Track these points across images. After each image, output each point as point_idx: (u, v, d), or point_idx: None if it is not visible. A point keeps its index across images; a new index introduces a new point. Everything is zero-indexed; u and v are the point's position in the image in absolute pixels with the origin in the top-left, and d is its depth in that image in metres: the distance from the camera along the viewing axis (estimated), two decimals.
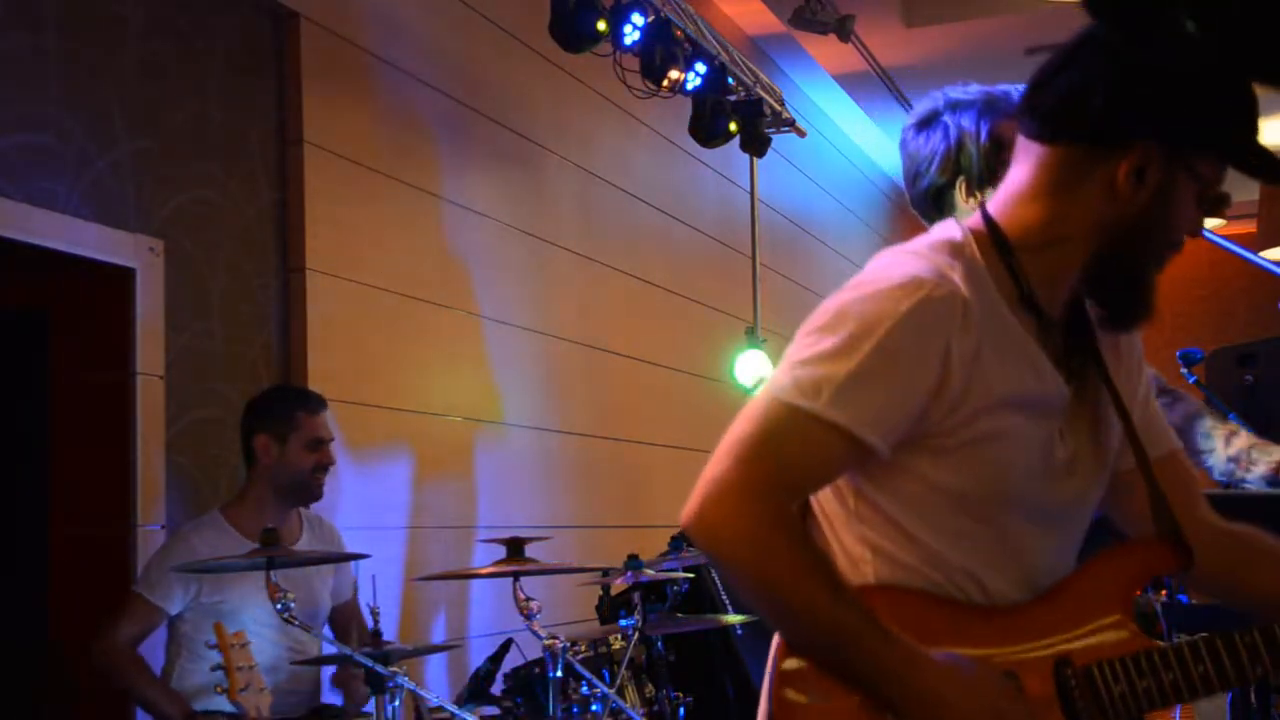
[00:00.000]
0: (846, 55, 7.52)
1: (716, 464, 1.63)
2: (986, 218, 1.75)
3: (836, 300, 1.68)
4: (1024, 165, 1.74)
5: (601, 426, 6.13)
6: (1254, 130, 1.70)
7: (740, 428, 1.64)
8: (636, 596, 3.85)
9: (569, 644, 3.47)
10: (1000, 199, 1.76)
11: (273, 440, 3.74)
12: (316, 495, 3.85)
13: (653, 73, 5.24)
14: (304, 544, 3.79)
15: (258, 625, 3.49)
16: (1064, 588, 1.75)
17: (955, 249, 1.70)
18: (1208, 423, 2.92)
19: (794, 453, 1.62)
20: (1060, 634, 1.72)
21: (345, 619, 3.94)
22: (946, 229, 1.75)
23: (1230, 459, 2.88)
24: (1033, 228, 1.71)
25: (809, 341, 1.65)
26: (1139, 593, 1.78)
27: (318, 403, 3.88)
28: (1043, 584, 1.75)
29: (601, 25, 4.79)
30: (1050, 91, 1.71)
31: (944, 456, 1.67)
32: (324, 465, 3.81)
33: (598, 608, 4.88)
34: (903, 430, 1.64)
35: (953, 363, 1.63)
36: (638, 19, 5.01)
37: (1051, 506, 1.75)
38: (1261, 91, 1.68)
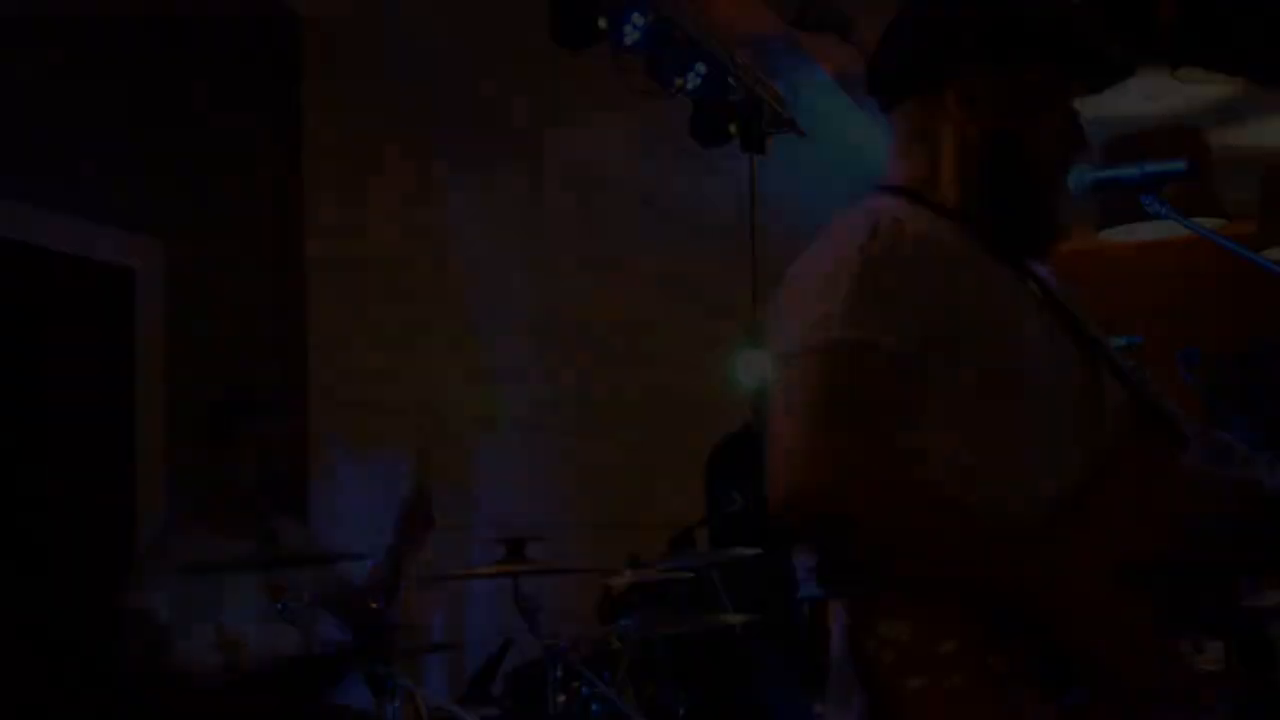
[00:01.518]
0: (846, 55, 7.51)
1: (788, 440, 1.59)
2: (878, 187, 1.82)
3: (799, 271, 1.73)
4: (891, 140, 1.85)
5: (601, 426, 6.12)
6: (1064, 21, 1.76)
7: (786, 399, 1.62)
8: (637, 596, 3.85)
9: (569, 644, 3.47)
10: (884, 175, 1.84)
11: (214, 451, 3.61)
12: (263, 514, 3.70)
13: (657, 74, 5.24)
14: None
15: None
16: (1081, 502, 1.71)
17: (874, 208, 1.76)
18: None
19: (847, 386, 1.61)
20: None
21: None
22: (855, 208, 1.80)
23: None
24: (923, 179, 1.79)
25: (795, 304, 1.69)
26: None
27: (260, 410, 3.72)
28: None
29: (601, 24, 4.78)
30: (876, 68, 1.86)
31: (963, 364, 1.67)
32: (272, 476, 3.65)
33: (598, 608, 4.87)
34: (917, 333, 1.64)
35: (929, 269, 1.66)
36: (638, 18, 5.00)
37: (1078, 411, 1.74)
38: (1262, 92, 1.69)
